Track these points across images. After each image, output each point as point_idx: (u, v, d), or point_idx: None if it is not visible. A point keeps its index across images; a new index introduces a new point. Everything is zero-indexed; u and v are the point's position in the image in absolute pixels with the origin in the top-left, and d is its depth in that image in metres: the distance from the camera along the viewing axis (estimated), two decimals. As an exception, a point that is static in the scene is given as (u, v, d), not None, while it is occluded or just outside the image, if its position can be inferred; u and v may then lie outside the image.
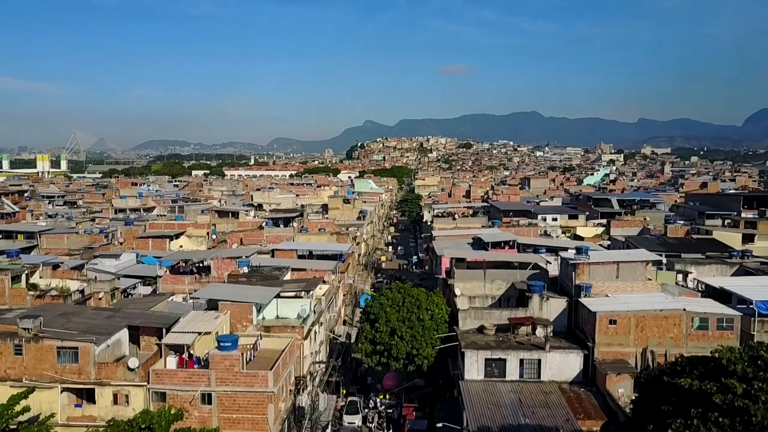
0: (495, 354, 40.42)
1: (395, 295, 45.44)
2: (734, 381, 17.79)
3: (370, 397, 48.99)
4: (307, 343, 42.88)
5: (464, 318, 44.45)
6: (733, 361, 18.81)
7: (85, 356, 34.70)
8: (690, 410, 17.94)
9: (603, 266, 43.97)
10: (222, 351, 34.75)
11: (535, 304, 43.84)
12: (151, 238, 77.58)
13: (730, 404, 17.31)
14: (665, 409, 18.86)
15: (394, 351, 43.49)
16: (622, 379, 37.67)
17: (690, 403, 18.31)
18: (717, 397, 17.57)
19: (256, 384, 34.15)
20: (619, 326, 39.60)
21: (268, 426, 34.07)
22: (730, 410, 17.18)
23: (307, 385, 41.11)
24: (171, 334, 36.95)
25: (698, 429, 17.24)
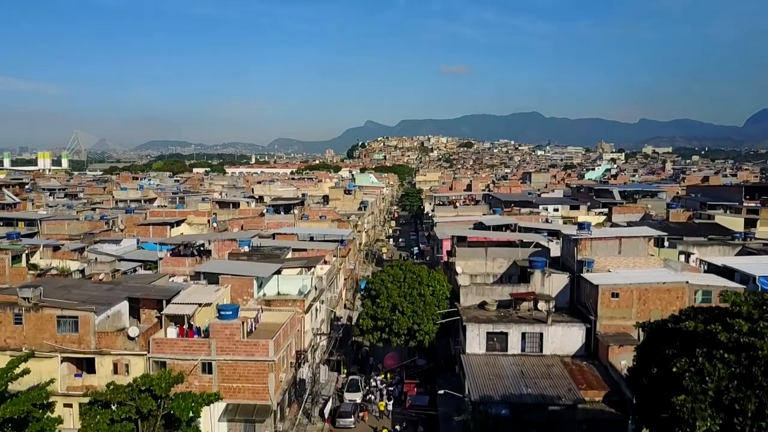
0: (497, 328, 40.20)
1: (396, 272, 45.26)
2: (740, 320, 17.61)
3: (371, 377, 48.74)
4: (308, 318, 42.73)
5: (465, 294, 44.24)
6: (739, 304, 18.64)
7: (85, 325, 34.57)
8: (695, 351, 17.75)
9: (605, 242, 43.75)
10: (222, 320, 34.62)
11: (537, 280, 43.61)
12: (151, 226, 77.35)
13: (735, 342, 17.13)
14: (670, 352, 18.67)
15: (396, 326, 43.27)
16: (624, 351, 37.39)
17: (695, 345, 18.11)
18: (722, 335, 17.38)
19: (257, 353, 34.00)
20: (621, 299, 39.37)
21: (268, 395, 33.92)
22: (736, 347, 16.99)
23: (308, 358, 40.91)
24: (171, 306, 36.84)
25: (703, 366, 17.04)
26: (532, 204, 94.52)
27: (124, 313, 37.72)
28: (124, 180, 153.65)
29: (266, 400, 33.92)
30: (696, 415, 16.23)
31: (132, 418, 28.37)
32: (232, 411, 34.20)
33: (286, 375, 37.06)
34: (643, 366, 20.50)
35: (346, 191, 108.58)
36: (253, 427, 34.33)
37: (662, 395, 19.32)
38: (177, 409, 28.36)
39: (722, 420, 16.23)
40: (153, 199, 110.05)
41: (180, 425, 30.06)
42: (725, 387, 16.32)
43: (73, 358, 35.45)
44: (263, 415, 33.96)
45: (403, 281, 44.45)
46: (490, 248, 49.14)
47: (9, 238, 57.86)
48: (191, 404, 28.54)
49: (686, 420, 16.44)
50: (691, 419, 16.31)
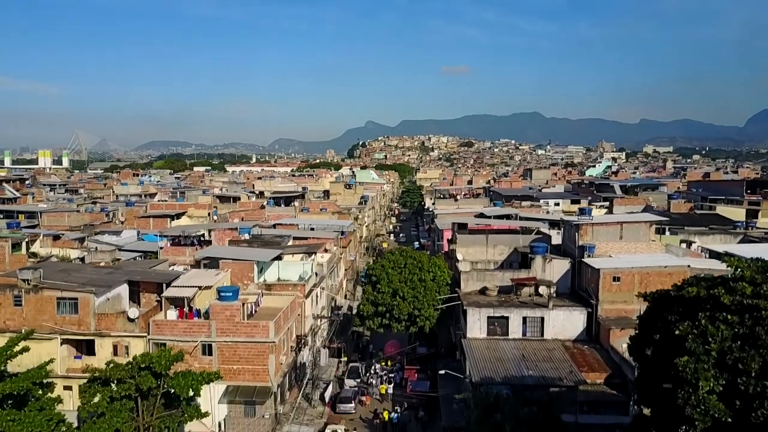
0: (497, 312, 40.08)
1: (397, 257, 45.16)
2: (743, 283, 17.48)
3: (371, 364, 48.62)
4: (308, 304, 42.61)
5: (466, 280, 44.09)
6: (742, 268, 18.50)
7: (84, 307, 34.51)
8: (697, 315, 17.62)
9: (606, 227, 43.59)
10: (222, 301, 34.51)
11: (538, 266, 43.48)
12: (152, 218, 77.28)
13: (738, 304, 16.99)
14: (672, 318, 18.53)
15: (396, 312, 43.16)
16: (625, 334, 37.16)
17: (697, 310, 17.98)
18: (725, 297, 17.25)
19: (257, 334, 33.91)
20: (622, 283, 39.23)
21: (269, 377, 33.80)
22: (739, 309, 16.86)
23: (308, 342, 40.78)
24: (171, 288, 36.74)
25: (706, 328, 16.91)
26: (533, 198, 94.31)
27: (124, 296, 37.63)
28: (125, 177, 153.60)
29: (266, 382, 33.83)
30: (699, 375, 16.09)
31: (132, 396, 28.29)
32: (232, 392, 34.11)
33: (286, 358, 36.96)
34: (645, 334, 20.38)
35: (347, 186, 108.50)
36: (253, 408, 34.26)
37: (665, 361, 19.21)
38: (177, 386, 28.26)
39: (726, 380, 16.10)
40: (153, 194, 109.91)
41: (180, 404, 29.97)
42: (728, 347, 16.19)
43: (72, 340, 35.40)
44: (263, 396, 33.89)
45: (403, 267, 44.35)
46: (491, 235, 49.00)
47: (9, 227, 57.86)
48: (191, 382, 28.42)
49: (689, 381, 16.31)
50: (694, 380, 16.18)
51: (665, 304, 19.79)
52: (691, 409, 16.26)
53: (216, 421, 34.42)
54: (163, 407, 29.61)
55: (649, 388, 21.15)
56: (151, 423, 28.59)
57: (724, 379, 16.11)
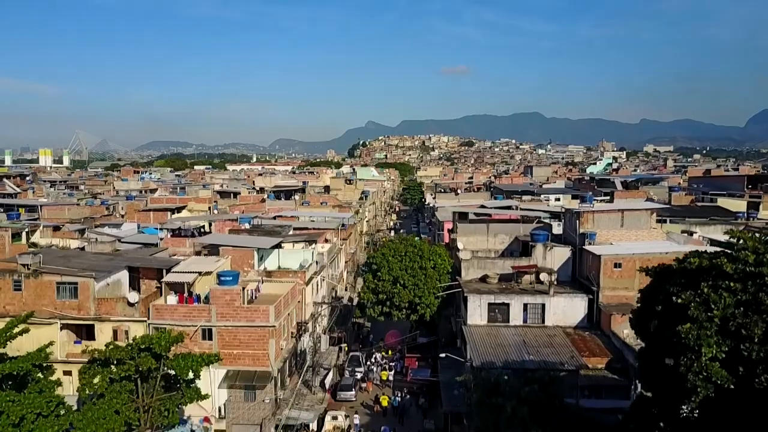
0: (498, 299, 40.01)
1: (397, 246, 45.10)
2: (746, 252, 17.38)
3: (372, 353, 48.57)
4: (309, 291, 42.50)
5: (467, 268, 44.02)
6: (745, 239, 18.40)
7: (84, 291, 34.42)
8: (700, 285, 17.52)
9: (607, 214, 43.50)
10: (223, 286, 34.40)
11: (539, 253, 43.40)
12: (152, 211, 77.15)
13: (741, 272, 16.88)
14: (674, 290, 18.41)
15: (397, 299, 43.08)
16: (627, 320, 37.11)
17: (700, 280, 17.88)
18: (728, 266, 17.15)
19: (258, 318, 33.78)
20: (624, 269, 39.14)
21: (269, 361, 33.67)
22: (742, 277, 16.75)
23: (309, 328, 40.69)
24: (171, 274, 36.65)
25: (708, 296, 16.81)
26: (534, 193, 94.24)
27: (124, 283, 37.53)
28: (126, 173, 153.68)
29: (267, 367, 33.68)
30: (702, 342, 15.99)
31: (131, 377, 28.22)
32: (232, 377, 34.04)
33: (286, 344, 36.86)
34: (647, 307, 20.28)
35: (347, 181, 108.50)
36: (253, 393, 34.17)
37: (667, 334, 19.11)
38: (177, 368, 28.20)
39: (729, 347, 15.99)
40: (154, 190, 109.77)
41: (180, 386, 29.91)
42: (731, 314, 16.08)
43: (72, 325, 35.31)
44: (263, 381, 33.81)
45: (404, 255, 44.29)
46: (492, 225, 48.93)
47: (9, 218, 57.78)
48: (191, 363, 28.35)
49: (692, 347, 16.21)
50: (697, 346, 16.07)
51: (667, 277, 19.70)
52: (694, 376, 16.16)
53: (216, 405, 34.36)
54: (163, 389, 29.56)
55: (651, 362, 21.07)
56: (150, 404, 28.53)
57: (727, 346, 16.00)
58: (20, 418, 26.03)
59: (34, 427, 26.58)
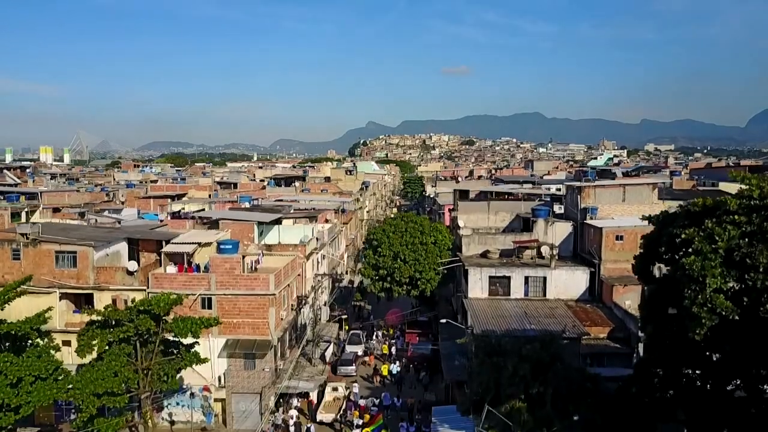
0: (499, 272, 39.80)
1: (398, 222, 44.91)
2: (750, 186, 17.18)
3: (373, 332, 48.39)
4: (309, 266, 42.32)
5: (468, 244, 43.76)
6: (748, 177, 18.20)
7: (83, 260, 34.24)
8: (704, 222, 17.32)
9: (609, 189, 43.34)
10: (222, 254, 34.23)
11: (540, 228, 43.16)
12: (152, 199, 76.94)
13: (746, 207, 16.69)
14: (677, 232, 18.20)
15: (397, 275, 42.90)
16: (628, 291, 37.02)
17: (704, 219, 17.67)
18: (732, 202, 16.98)
19: (258, 287, 33.60)
20: (625, 242, 38.90)
21: (269, 330, 33.48)
22: (747, 211, 16.55)
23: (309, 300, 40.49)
24: (171, 245, 36.53)
25: (713, 230, 16.60)
26: (535, 183, 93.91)
27: (124, 254, 37.37)
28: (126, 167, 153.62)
29: (266, 336, 33.49)
30: (706, 272, 15.78)
31: (131, 340, 28.05)
32: (231, 346, 33.85)
33: (287, 314, 36.67)
34: (650, 251, 20.10)
35: (348, 171, 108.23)
36: (253, 362, 33.97)
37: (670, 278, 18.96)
38: (176, 329, 28.02)
39: (733, 278, 15.79)
40: (154, 181, 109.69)
41: (179, 350, 29.75)
42: (736, 245, 15.87)
43: (71, 295, 35.14)
44: (263, 349, 33.61)
45: (404, 231, 44.10)
46: (493, 202, 48.72)
47: (9, 201, 57.66)
48: (191, 326, 28.17)
49: (696, 279, 16.00)
50: (701, 277, 15.87)
51: (671, 221, 19.50)
52: (698, 308, 15.95)
53: (216, 374, 34.16)
54: (162, 354, 29.40)
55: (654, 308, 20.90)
56: (150, 367, 28.36)
57: (732, 277, 15.80)
58: (18, 379, 25.90)
59: (32, 389, 26.45)
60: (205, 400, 33.99)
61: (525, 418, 24.36)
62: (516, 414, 24.60)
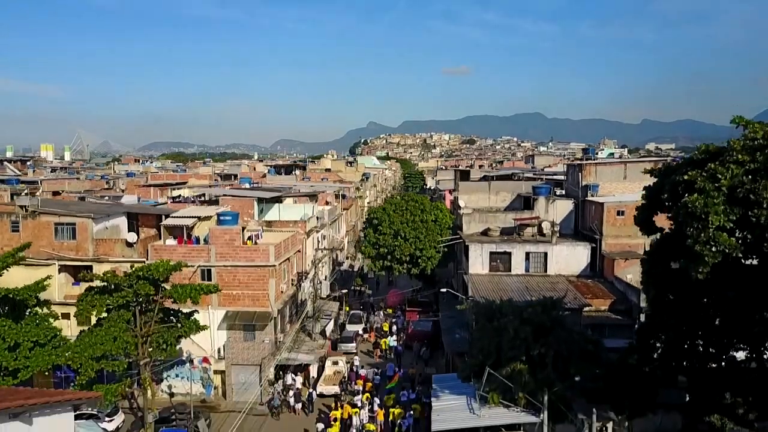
0: (500, 248, 39.67)
1: (398, 201, 44.77)
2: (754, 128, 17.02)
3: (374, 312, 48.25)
4: (309, 243, 42.17)
5: (468, 222, 43.62)
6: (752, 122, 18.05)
7: (83, 232, 34.16)
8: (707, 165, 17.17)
9: (610, 167, 43.22)
10: (222, 225, 34.12)
11: (541, 206, 43.04)
12: (152, 187, 76.82)
13: (749, 147, 16.54)
14: (679, 179, 18.05)
15: (398, 253, 42.77)
16: (630, 265, 36.91)
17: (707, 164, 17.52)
18: (736, 143, 16.83)
19: (257, 258, 33.49)
20: (627, 217, 38.68)
21: (269, 302, 33.35)
22: (751, 150, 16.39)
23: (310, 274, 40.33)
24: (170, 219, 36.42)
25: (715, 171, 16.45)
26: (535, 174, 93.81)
27: (123, 228, 37.27)
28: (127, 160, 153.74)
29: (266, 307, 33.36)
30: (709, 210, 15.62)
31: (130, 306, 27.92)
32: (231, 317, 33.72)
33: (287, 287, 36.53)
34: (653, 202, 19.96)
35: (349, 163, 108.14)
36: (252, 334, 33.83)
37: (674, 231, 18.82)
38: (175, 294, 27.88)
39: (737, 215, 15.62)
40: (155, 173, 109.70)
41: (179, 318, 29.62)
42: (739, 181, 15.71)
43: (70, 267, 35.01)
44: (263, 320, 33.46)
45: (405, 210, 43.94)
46: (494, 182, 48.59)
47: (8, 184, 57.62)
48: (190, 291, 28.04)
49: (698, 217, 15.84)
50: (704, 215, 15.71)
51: (673, 170, 19.34)
52: (701, 246, 15.79)
53: (215, 346, 34.03)
54: (162, 323, 29.25)
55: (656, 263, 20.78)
56: (149, 333, 28.21)
57: (735, 214, 15.63)
58: (16, 344, 25.81)
59: (30, 354, 26.36)
60: (205, 372, 33.87)
61: (526, 380, 24.21)
62: (517, 376, 24.45)
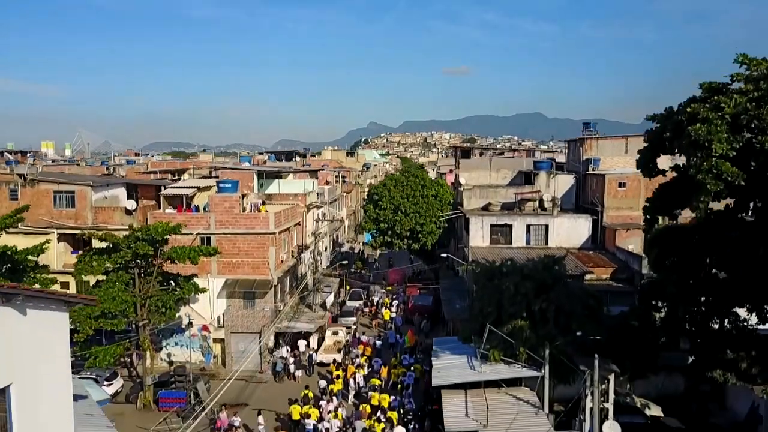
0: (501, 220, 39.50)
1: (399, 177, 44.60)
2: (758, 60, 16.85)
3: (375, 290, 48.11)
4: (309, 218, 42.01)
5: (469, 197, 43.41)
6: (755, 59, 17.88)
7: (82, 200, 34.04)
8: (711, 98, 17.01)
9: (612, 141, 43.05)
10: (222, 193, 33.98)
11: (542, 181, 42.84)
12: (152, 173, 76.78)
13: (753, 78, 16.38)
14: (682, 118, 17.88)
15: (398, 228, 42.59)
16: (631, 235, 36.76)
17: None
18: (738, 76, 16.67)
19: (257, 225, 33.33)
20: (628, 189, 38.65)
21: (269, 269, 33.18)
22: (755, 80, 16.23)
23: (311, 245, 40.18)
24: (170, 189, 36.29)
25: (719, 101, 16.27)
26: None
27: (122, 199, 37.08)
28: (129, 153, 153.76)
29: (266, 275, 33.18)
30: (712, 137, 15.45)
31: (129, 267, 27.78)
32: (231, 285, 33.53)
33: (287, 257, 36.37)
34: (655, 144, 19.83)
35: (349, 153, 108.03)
36: (252, 302, 33.65)
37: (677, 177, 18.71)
38: (174, 254, 27.74)
39: (740, 143, 15.45)
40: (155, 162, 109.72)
41: (178, 281, 29.47)
42: (743, 109, 15.54)
43: (69, 237, 34.87)
44: (263, 288, 33.29)
45: (405, 185, 43.77)
46: (495, 159, 48.43)
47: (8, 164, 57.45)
48: (189, 252, 27.90)
49: (701, 145, 15.67)
50: (707, 143, 15.54)
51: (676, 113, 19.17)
52: (703, 175, 15.62)
53: (215, 315, 33.87)
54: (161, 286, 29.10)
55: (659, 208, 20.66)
56: (148, 294, 28.03)
57: (738, 142, 15.46)
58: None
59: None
60: (204, 340, 33.69)
61: (527, 335, 24.00)
62: (518, 332, 24.22)
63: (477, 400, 23.32)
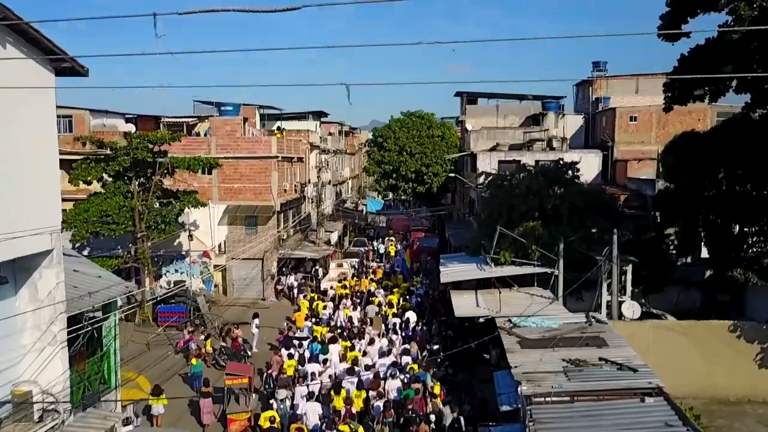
0: (509, 156, 38.47)
1: (404, 119, 43.59)
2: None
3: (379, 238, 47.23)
4: (313, 158, 41.12)
5: (476, 139, 42.45)
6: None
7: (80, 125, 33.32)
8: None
9: (621, 80, 42.20)
10: (223, 116, 33.13)
11: (551, 121, 41.94)
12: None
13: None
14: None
15: (403, 169, 41.66)
16: (643, 166, 35.89)
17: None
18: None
19: (259, 149, 32.45)
20: (640, 123, 37.81)
21: (271, 195, 32.31)
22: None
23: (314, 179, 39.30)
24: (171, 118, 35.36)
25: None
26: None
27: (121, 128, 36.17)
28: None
29: (269, 201, 32.30)
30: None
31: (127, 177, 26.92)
32: (232, 211, 32.64)
33: (289, 188, 35.46)
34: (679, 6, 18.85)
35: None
36: (255, 228, 32.75)
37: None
38: (174, 160, 26.88)
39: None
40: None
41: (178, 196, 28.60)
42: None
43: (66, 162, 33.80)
44: (266, 213, 32.38)
45: (410, 126, 42.82)
46: (502, 105, 47.43)
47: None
48: (189, 160, 27.05)
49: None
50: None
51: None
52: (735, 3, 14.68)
53: (216, 243, 32.96)
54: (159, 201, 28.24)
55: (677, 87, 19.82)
56: (147, 206, 27.12)
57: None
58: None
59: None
60: (205, 266, 32.78)
61: (539, 233, 23.07)
62: (530, 232, 23.30)
63: (489, 296, 22.40)
